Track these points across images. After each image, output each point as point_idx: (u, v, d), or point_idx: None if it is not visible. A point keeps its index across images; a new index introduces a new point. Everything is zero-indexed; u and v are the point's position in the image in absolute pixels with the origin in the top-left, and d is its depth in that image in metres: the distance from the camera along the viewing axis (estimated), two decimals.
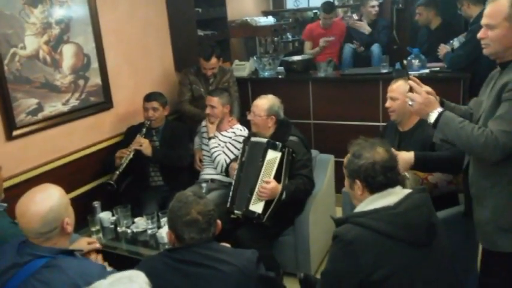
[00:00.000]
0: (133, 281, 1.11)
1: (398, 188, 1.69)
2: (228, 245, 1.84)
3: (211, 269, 1.58)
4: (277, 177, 2.69)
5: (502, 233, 1.81)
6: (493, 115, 1.75)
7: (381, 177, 1.64)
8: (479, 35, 1.84)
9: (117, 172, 3.06)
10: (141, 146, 3.16)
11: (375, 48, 4.64)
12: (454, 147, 2.18)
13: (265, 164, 2.71)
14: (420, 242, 1.58)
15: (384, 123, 3.48)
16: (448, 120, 1.82)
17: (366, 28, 4.74)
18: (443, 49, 3.73)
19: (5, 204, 2.14)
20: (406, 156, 2.18)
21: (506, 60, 1.80)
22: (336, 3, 5.67)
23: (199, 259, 1.60)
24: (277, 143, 2.73)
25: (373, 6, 4.74)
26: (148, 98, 3.31)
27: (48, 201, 1.67)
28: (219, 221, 1.74)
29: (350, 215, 1.65)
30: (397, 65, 4.04)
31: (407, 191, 1.68)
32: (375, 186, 1.65)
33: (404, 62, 3.80)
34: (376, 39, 4.70)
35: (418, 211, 1.60)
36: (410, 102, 1.92)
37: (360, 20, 4.86)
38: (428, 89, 1.96)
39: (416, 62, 3.74)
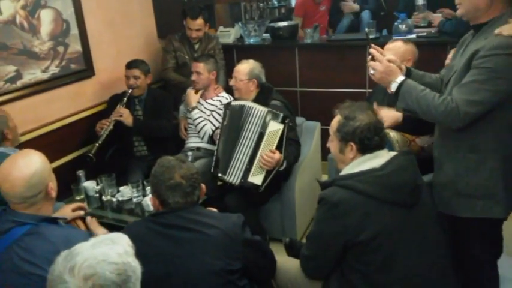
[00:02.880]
0: (115, 242, 1.10)
1: (384, 151, 1.69)
2: (214, 210, 1.83)
3: (196, 233, 1.57)
4: (278, 148, 2.65)
5: (459, 198, 1.80)
6: (459, 82, 1.71)
7: (376, 138, 1.64)
8: None
9: (97, 144, 3.00)
10: (121, 116, 3.10)
11: (365, 14, 4.58)
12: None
13: (267, 134, 2.63)
14: (405, 203, 1.59)
15: (370, 90, 3.47)
16: (409, 89, 1.77)
17: (353, 8, 4.66)
18: (437, 18, 3.68)
19: None
20: (393, 114, 2.18)
21: (479, 22, 1.74)
22: None
23: (184, 223, 1.58)
24: (278, 113, 2.64)
25: None
26: (130, 65, 3.23)
27: (31, 165, 1.64)
28: (203, 185, 1.73)
29: (336, 178, 1.65)
30: (384, 32, 3.99)
31: (393, 153, 1.68)
32: (368, 148, 1.65)
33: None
34: (365, 6, 4.64)
35: (404, 173, 1.60)
36: (371, 71, 1.86)
37: None
38: (391, 57, 1.90)
39: (403, 27, 3.70)
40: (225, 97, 3.31)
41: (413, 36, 3.58)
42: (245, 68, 2.91)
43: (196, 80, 3.22)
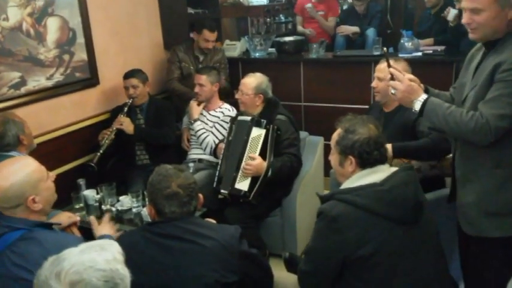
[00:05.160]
0: (105, 249, 1.07)
1: (386, 166, 1.66)
2: (213, 221, 1.80)
3: (192, 243, 1.54)
4: (263, 155, 2.66)
5: (487, 217, 1.74)
6: (482, 97, 1.67)
7: (376, 153, 1.61)
8: (464, 20, 1.72)
9: (98, 153, 3.02)
10: (121, 125, 3.12)
11: (370, 32, 4.58)
12: (441, 134, 2.16)
13: (249, 140, 2.68)
14: (406, 220, 1.55)
15: None
16: (434, 107, 1.72)
17: (352, 30, 4.66)
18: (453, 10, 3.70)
19: None
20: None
21: (491, 40, 1.71)
22: None
23: (180, 233, 1.55)
24: (262, 120, 2.69)
25: (359, 6, 4.69)
26: (127, 75, 3.25)
27: (12, 177, 1.60)
28: (201, 195, 1.70)
29: (335, 192, 1.62)
30: (390, 49, 3.98)
31: (394, 168, 1.65)
32: (368, 162, 1.62)
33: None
34: (370, 24, 4.64)
35: (405, 188, 1.57)
36: (392, 91, 1.83)
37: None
38: (411, 76, 1.86)
39: (409, 45, 3.70)
40: (227, 109, 3.30)
41: (419, 54, 3.58)
42: (252, 82, 2.90)
43: (199, 92, 3.22)
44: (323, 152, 3.22)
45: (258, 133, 2.67)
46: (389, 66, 1.83)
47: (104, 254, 1.05)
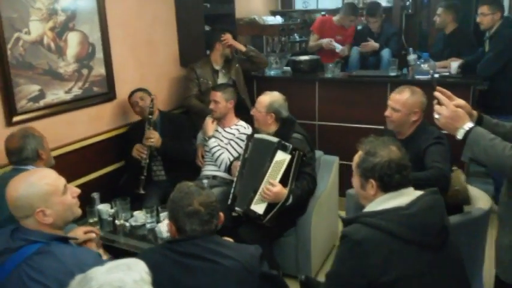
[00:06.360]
0: (131, 269, 1.05)
1: (411, 189, 1.63)
2: (230, 240, 1.78)
3: (212, 263, 1.52)
4: (284, 180, 2.60)
5: None
6: None
7: (397, 176, 1.58)
8: None
9: (142, 177, 3.09)
10: (152, 141, 3.13)
11: (385, 53, 4.57)
12: (442, 170, 2.11)
13: (272, 164, 2.62)
14: (432, 245, 1.52)
15: None
16: (477, 137, 1.59)
17: (375, 46, 4.66)
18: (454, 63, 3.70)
19: None
20: None
21: None
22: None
23: (201, 252, 1.53)
24: (287, 144, 2.63)
25: (373, 23, 4.69)
26: (132, 93, 3.31)
27: (22, 188, 1.60)
28: (221, 214, 1.68)
29: (360, 215, 1.59)
30: (405, 70, 3.98)
31: (419, 192, 1.62)
32: (390, 186, 1.59)
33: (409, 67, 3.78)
34: (386, 45, 4.64)
35: (431, 213, 1.54)
36: (436, 116, 1.70)
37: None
38: (460, 101, 1.72)
39: (425, 67, 3.68)
40: (243, 126, 3.29)
41: (436, 76, 3.56)
42: (265, 100, 2.89)
43: (214, 108, 3.23)
44: (338, 172, 3.20)
45: (282, 158, 2.61)
46: (435, 89, 1.74)
47: (132, 274, 1.03)
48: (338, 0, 5.62)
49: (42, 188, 1.64)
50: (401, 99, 2.45)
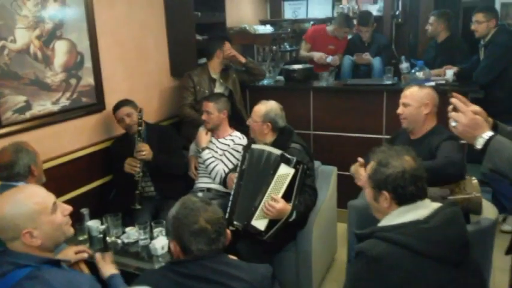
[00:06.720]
0: None
1: (427, 201, 1.55)
2: (235, 258, 1.66)
3: (221, 286, 1.40)
4: (287, 195, 2.50)
5: None
6: None
7: (411, 188, 1.50)
8: None
9: (137, 192, 2.96)
10: (144, 154, 2.98)
11: (375, 61, 4.55)
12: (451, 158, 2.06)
13: (275, 178, 2.52)
14: (453, 260, 1.43)
15: (387, 136, 3.37)
16: (500, 147, 1.48)
17: (370, 60, 4.64)
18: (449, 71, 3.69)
19: None
20: None
21: None
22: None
23: (208, 274, 1.42)
24: (290, 157, 2.54)
25: (365, 32, 4.68)
26: (117, 107, 3.10)
27: (8, 207, 1.50)
28: (228, 231, 1.57)
29: (375, 229, 1.50)
30: (395, 79, 3.94)
31: (437, 204, 1.54)
32: (404, 198, 1.51)
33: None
34: (378, 56, 4.61)
35: (452, 226, 1.46)
36: (453, 124, 1.57)
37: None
38: (477, 108, 1.60)
39: (420, 75, 3.66)
40: (238, 136, 3.20)
41: (432, 83, 3.53)
42: (261, 109, 2.80)
43: (207, 119, 3.13)
44: (336, 183, 3.12)
45: (285, 171, 2.51)
46: (451, 96, 1.63)
47: None
48: (328, 9, 5.58)
49: (29, 208, 1.52)
50: (410, 93, 2.50)
